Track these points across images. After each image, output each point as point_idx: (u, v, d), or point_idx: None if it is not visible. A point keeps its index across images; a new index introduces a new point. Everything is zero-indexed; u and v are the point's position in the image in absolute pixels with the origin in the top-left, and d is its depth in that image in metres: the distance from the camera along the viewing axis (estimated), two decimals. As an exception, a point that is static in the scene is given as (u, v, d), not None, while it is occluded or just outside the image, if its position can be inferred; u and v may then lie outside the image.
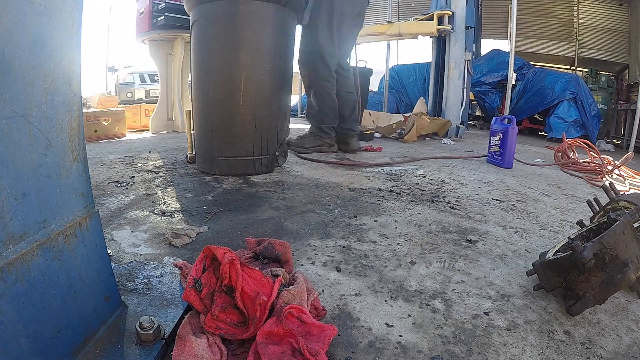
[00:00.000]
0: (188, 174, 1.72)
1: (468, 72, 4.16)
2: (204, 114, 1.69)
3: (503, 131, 2.29)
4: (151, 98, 8.88)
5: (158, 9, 2.99)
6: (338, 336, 0.65)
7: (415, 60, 7.01)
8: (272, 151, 1.76)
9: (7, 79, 0.42)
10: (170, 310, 0.66)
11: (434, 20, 3.94)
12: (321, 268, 0.89)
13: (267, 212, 1.26)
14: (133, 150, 2.34)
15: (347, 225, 1.16)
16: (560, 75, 5.51)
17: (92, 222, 0.58)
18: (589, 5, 7.37)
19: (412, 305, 0.75)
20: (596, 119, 5.12)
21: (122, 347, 0.56)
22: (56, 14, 0.49)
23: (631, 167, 2.47)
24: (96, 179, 1.58)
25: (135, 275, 0.77)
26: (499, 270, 0.91)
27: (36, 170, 0.47)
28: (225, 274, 0.63)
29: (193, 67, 1.73)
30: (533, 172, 2.24)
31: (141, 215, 1.20)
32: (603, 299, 0.68)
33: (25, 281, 0.45)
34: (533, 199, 1.59)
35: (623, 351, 0.64)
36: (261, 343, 0.57)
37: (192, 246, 0.99)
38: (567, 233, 1.18)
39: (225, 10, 1.56)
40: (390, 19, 5.46)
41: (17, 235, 0.44)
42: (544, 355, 0.62)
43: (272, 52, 1.65)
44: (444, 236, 1.11)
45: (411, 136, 3.35)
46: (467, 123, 4.85)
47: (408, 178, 1.84)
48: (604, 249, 0.67)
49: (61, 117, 0.51)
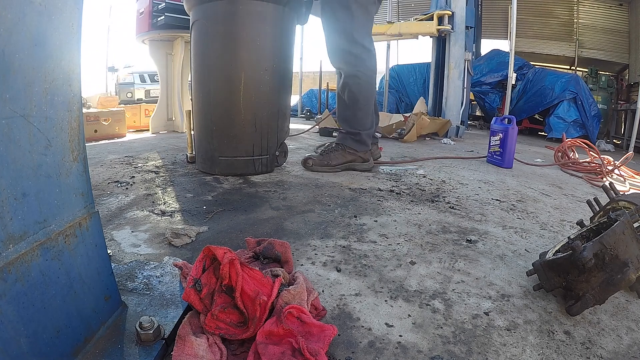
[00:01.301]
0: (188, 174, 1.72)
1: (468, 72, 4.15)
2: (204, 114, 1.69)
3: (503, 131, 2.29)
4: (151, 98, 8.88)
5: (158, 9, 2.99)
6: (338, 336, 0.65)
7: (415, 60, 7.02)
8: (272, 151, 1.76)
9: (7, 79, 0.42)
10: (170, 310, 0.66)
11: (434, 20, 3.94)
12: (321, 268, 0.89)
13: (267, 212, 1.26)
14: (133, 150, 2.34)
15: (347, 225, 1.16)
16: (560, 75, 5.51)
17: (92, 222, 0.58)
18: (589, 5, 7.37)
19: (412, 305, 0.75)
20: (596, 119, 5.12)
21: (122, 347, 0.56)
22: (56, 14, 0.49)
23: (631, 167, 2.47)
24: (96, 179, 1.59)
25: (135, 275, 0.77)
26: (499, 270, 0.91)
27: (36, 170, 0.47)
28: (225, 274, 0.63)
29: (193, 67, 1.73)
30: (533, 172, 2.24)
31: (141, 215, 1.20)
32: (603, 299, 0.68)
33: (25, 281, 0.45)
34: (533, 199, 1.59)
35: (623, 351, 0.64)
36: (261, 343, 0.57)
37: (192, 246, 0.99)
38: (567, 233, 1.18)
39: (225, 10, 1.56)
40: (390, 19, 5.47)
41: (17, 235, 0.44)
42: (544, 355, 0.62)
43: (272, 52, 1.65)
44: (444, 236, 1.11)
45: (411, 136, 3.35)
46: (467, 123, 4.84)
47: (408, 178, 1.84)
48: (604, 249, 0.67)
49: (61, 117, 0.51)
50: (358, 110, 1.87)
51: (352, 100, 1.86)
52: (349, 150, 1.90)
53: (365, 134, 1.90)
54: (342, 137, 1.93)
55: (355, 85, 1.83)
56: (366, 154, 1.93)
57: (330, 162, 1.88)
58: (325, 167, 1.87)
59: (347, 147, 1.90)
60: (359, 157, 1.91)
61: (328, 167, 1.87)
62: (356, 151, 1.90)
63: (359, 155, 1.91)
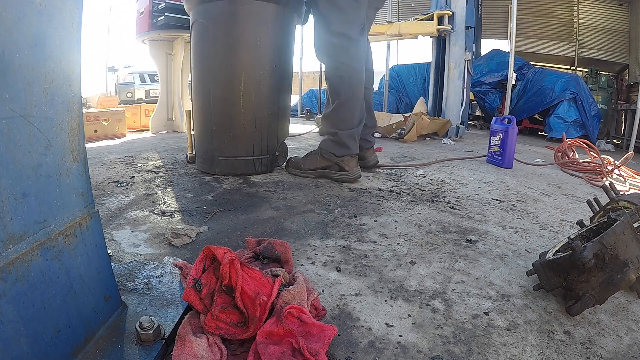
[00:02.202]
0: (188, 174, 1.72)
1: (468, 72, 4.15)
2: (204, 114, 1.69)
3: (503, 131, 2.29)
4: (151, 98, 8.87)
5: (158, 9, 2.98)
6: (338, 336, 0.65)
7: (415, 60, 7.01)
8: (272, 151, 1.76)
9: (7, 79, 0.42)
10: (170, 310, 0.66)
11: (434, 20, 3.94)
12: (321, 268, 0.89)
13: (267, 212, 1.26)
14: (133, 150, 2.34)
15: (347, 225, 1.16)
16: (560, 75, 5.51)
17: (92, 222, 0.58)
18: (589, 5, 7.37)
19: (412, 305, 0.75)
20: (596, 119, 5.12)
21: (122, 347, 0.56)
22: (56, 13, 0.49)
23: (631, 167, 2.47)
24: (96, 179, 1.58)
25: (135, 275, 0.77)
26: (499, 270, 0.91)
27: (36, 170, 0.47)
28: (225, 274, 0.63)
29: (193, 67, 1.73)
30: (533, 172, 2.24)
31: (141, 215, 1.20)
32: (603, 299, 0.68)
33: (25, 281, 0.45)
34: (533, 199, 1.59)
35: (623, 351, 0.64)
36: (261, 343, 0.57)
37: (192, 246, 0.99)
38: (567, 233, 1.18)
39: (225, 10, 1.56)
40: (390, 19, 5.47)
41: (17, 235, 0.44)
42: (544, 355, 0.62)
43: (272, 52, 1.65)
44: (444, 236, 1.11)
45: (411, 136, 3.35)
46: (467, 123, 4.84)
47: (408, 178, 1.84)
48: (604, 249, 0.67)
49: (61, 117, 0.51)
50: (339, 106, 1.64)
51: (333, 94, 1.66)
52: (324, 155, 1.67)
53: (345, 135, 1.63)
54: (323, 139, 1.73)
55: (335, 78, 1.63)
56: (345, 161, 1.64)
57: (303, 165, 1.72)
58: (298, 170, 1.73)
59: (324, 151, 1.67)
60: (335, 164, 1.65)
61: (300, 171, 1.72)
62: (334, 155, 1.65)
63: (334, 162, 1.65)
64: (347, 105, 1.64)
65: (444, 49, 4.11)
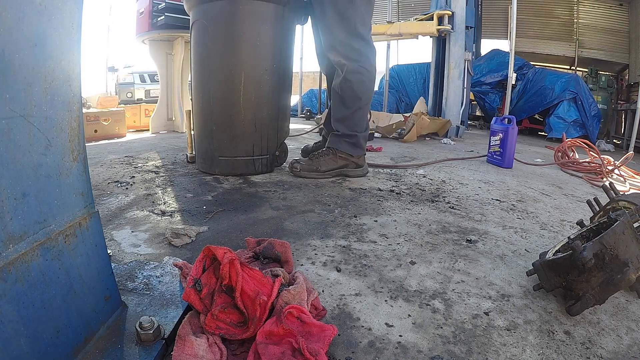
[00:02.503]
0: (188, 174, 1.72)
1: (468, 72, 4.16)
2: (204, 114, 1.69)
3: (503, 131, 2.29)
4: (151, 98, 8.87)
5: (158, 9, 2.99)
6: (338, 336, 0.65)
7: (415, 60, 7.02)
8: (272, 151, 1.76)
9: (7, 79, 0.42)
10: (170, 310, 0.66)
11: (434, 20, 3.94)
12: (321, 268, 0.89)
13: (267, 212, 1.26)
14: (133, 150, 2.34)
15: (347, 225, 1.16)
16: (560, 75, 5.51)
17: (92, 222, 0.58)
18: (589, 5, 7.38)
19: (412, 305, 0.75)
20: (596, 119, 5.12)
21: (122, 347, 0.56)
22: (56, 13, 0.49)
23: (631, 167, 2.47)
24: (96, 179, 1.59)
25: (135, 275, 0.77)
26: (499, 270, 0.91)
27: (36, 170, 0.47)
28: (225, 274, 0.63)
29: (193, 67, 1.73)
30: (533, 172, 2.24)
31: (141, 215, 1.20)
32: (603, 299, 0.68)
33: (25, 281, 0.45)
34: (533, 199, 1.59)
35: (623, 351, 0.64)
36: (261, 343, 0.57)
37: (192, 246, 0.99)
38: (567, 233, 1.18)
39: (225, 10, 1.56)
40: (390, 19, 5.46)
41: (17, 235, 0.44)
42: (544, 355, 0.62)
43: (272, 52, 1.65)
44: (444, 236, 1.11)
45: (411, 136, 3.35)
46: (467, 123, 4.85)
47: (408, 178, 1.84)
48: (604, 249, 0.67)
49: (61, 117, 0.51)
50: (358, 109, 1.73)
51: (352, 98, 1.72)
52: (340, 155, 1.74)
53: (362, 137, 1.76)
54: (335, 140, 1.76)
55: (358, 83, 1.69)
56: (361, 158, 1.78)
57: (320, 167, 1.73)
58: (314, 172, 1.72)
59: (339, 151, 1.74)
60: (352, 162, 1.76)
61: (317, 173, 1.72)
62: (350, 156, 1.74)
63: (352, 160, 1.76)
64: (365, 109, 1.77)
65: (444, 49, 4.11)
